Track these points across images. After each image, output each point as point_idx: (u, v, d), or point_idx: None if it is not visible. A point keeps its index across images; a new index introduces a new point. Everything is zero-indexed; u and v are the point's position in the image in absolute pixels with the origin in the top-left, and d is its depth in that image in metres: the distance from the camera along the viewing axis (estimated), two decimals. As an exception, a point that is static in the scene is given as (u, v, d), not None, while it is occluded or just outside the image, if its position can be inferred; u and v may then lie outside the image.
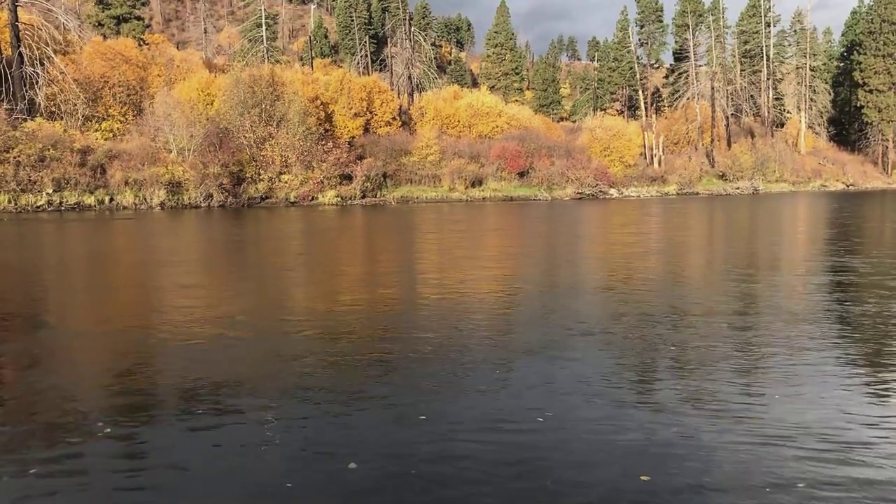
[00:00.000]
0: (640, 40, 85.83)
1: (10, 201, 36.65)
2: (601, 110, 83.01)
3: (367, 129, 54.41)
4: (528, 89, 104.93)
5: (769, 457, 4.46)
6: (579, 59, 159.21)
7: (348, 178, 47.75)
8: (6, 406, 5.63)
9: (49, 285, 12.69)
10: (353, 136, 52.54)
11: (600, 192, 56.35)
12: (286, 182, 45.45)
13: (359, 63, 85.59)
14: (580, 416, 5.25)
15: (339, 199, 46.28)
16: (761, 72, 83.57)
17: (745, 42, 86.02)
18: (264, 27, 65.71)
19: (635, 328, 8.19)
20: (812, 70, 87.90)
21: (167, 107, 43.59)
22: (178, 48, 73.75)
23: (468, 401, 5.63)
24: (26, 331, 8.58)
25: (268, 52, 64.99)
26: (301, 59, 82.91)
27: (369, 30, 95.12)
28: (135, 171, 40.43)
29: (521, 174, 55.95)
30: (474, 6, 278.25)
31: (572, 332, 7.99)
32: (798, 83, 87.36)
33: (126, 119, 46.27)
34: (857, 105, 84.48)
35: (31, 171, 37.65)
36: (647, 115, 74.77)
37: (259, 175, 44.89)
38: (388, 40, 78.45)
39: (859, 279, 11.90)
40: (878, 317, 8.62)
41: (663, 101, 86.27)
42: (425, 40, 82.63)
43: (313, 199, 45.54)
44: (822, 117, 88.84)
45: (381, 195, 49.51)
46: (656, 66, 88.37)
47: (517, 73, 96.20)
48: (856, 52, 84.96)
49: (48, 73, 43.32)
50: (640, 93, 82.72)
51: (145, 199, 40.05)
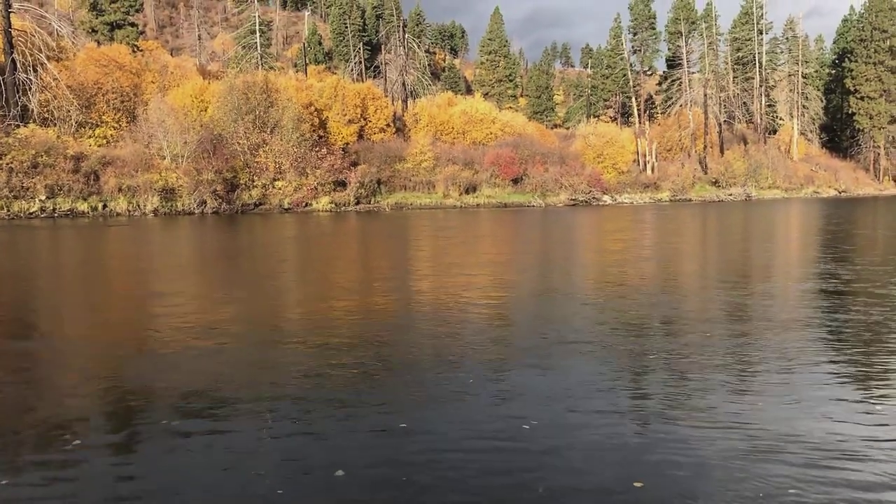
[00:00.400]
0: (633, 47, 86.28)
1: (2, 208, 36.52)
2: (594, 117, 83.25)
3: (361, 136, 54.45)
4: (521, 96, 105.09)
5: (761, 465, 4.46)
6: (573, 66, 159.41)
7: (342, 184, 47.75)
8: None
9: (36, 293, 12.62)
10: (348, 143, 52.56)
11: (594, 198, 56.49)
12: (280, 188, 45.40)
13: (353, 70, 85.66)
14: (572, 424, 5.23)
15: (333, 205, 46.25)
16: (754, 79, 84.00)
17: (738, 49, 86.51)
18: (258, 34, 65.76)
19: (625, 336, 8.18)
20: (804, 77, 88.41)
21: (161, 113, 43.54)
22: (171, 54, 73.68)
23: (458, 408, 5.61)
24: (11, 338, 8.52)
25: (262, 59, 65.02)
26: (295, 65, 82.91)
27: (363, 36, 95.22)
28: (128, 177, 40.33)
29: (515, 181, 56.04)
30: (468, 13, 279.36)
31: (562, 341, 7.97)
32: (790, 90, 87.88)
33: (120, 125, 46.15)
34: (849, 112, 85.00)
35: (23, 177, 37.54)
36: (640, 122, 75.05)
37: (253, 181, 44.85)
38: (383, 47, 78.50)
39: (850, 287, 11.93)
40: (868, 325, 8.64)
41: (656, 107, 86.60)
42: (419, 47, 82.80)
43: (307, 205, 45.50)
44: (814, 124, 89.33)
45: (375, 201, 49.51)
46: (649, 73, 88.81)
47: (511, 80, 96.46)
48: (847, 60, 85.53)
49: (41, 79, 43.20)
50: (634, 100, 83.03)
51: (139, 206, 39.96)
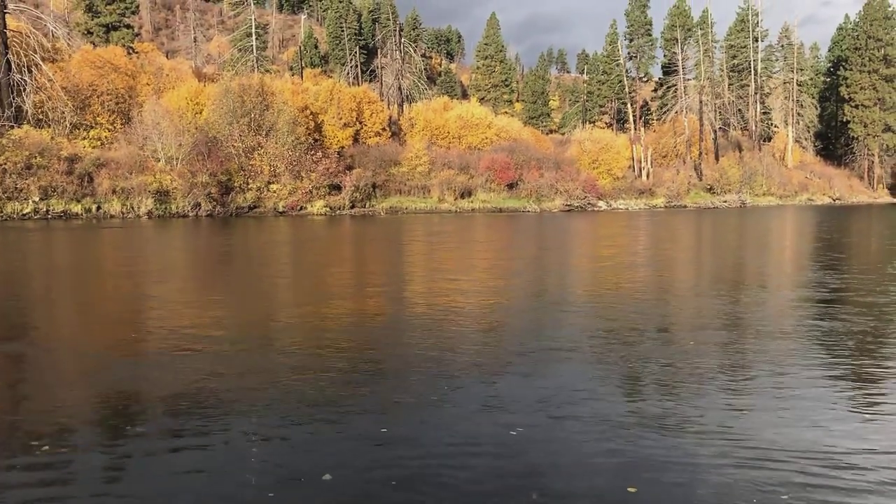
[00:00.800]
0: (629, 54, 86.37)
1: (-5, 209, 36.38)
2: (590, 123, 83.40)
3: (356, 140, 54.42)
4: (517, 101, 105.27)
5: (754, 472, 4.46)
6: (569, 72, 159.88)
7: (337, 188, 47.70)
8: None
9: (26, 295, 12.55)
10: (343, 147, 52.53)
11: (589, 204, 56.56)
12: (275, 192, 45.33)
13: (349, 73, 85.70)
14: (564, 430, 5.22)
15: (327, 209, 46.19)
16: (749, 86, 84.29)
17: (734, 56, 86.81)
18: (254, 37, 65.73)
19: (616, 343, 8.17)
20: (799, 85, 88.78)
21: (156, 115, 43.44)
22: (167, 57, 73.62)
23: (449, 414, 5.60)
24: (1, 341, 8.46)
25: (257, 62, 64.98)
26: (291, 68, 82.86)
27: (360, 40, 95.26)
28: (122, 179, 40.21)
29: (510, 186, 56.08)
30: (465, 18, 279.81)
31: (553, 347, 7.97)
32: (785, 98, 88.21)
33: (114, 127, 46.03)
34: (844, 120, 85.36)
35: (17, 178, 37.38)
36: (635, 128, 75.16)
37: (247, 184, 44.76)
38: (379, 51, 78.60)
39: (841, 295, 11.95)
40: (859, 333, 8.66)
41: (652, 114, 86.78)
42: (415, 51, 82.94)
43: (302, 208, 45.44)
44: (808, 132, 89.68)
45: (370, 205, 49.47)
46: (645, 79, 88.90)
47: (507, 85, 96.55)
48: (842, 68, 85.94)
49: (36, 80, 43.06)
50: (629, 106, 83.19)
51: (133, 208, 39.82)
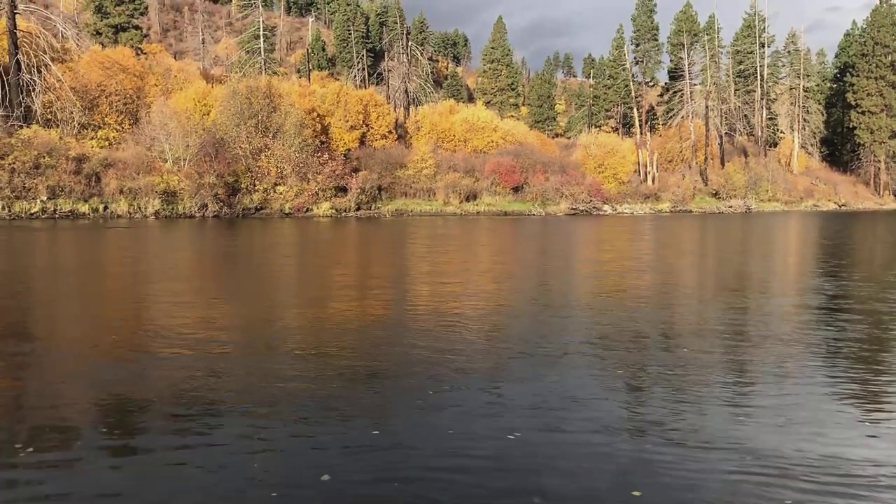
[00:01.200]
0: (635, 58, 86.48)
1: (3, 208, 36.57)
2: (596, 127, 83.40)
3: (362, 142, 54.53)
4: (523, 105, 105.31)
5: (759, 479, 4.49)
6: (575, 76, 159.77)
7: (343, 190, 47.83)
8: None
9: (31, 295, 12.64)
10: (349, 149, 52.66)
11: (594, 208, 56.58)
12: (281, 193, 45.47)
13: (356, 76, 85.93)
14: (566, 434, 5.26)
15: (333, 210, 46.31)
16: (755, 91, 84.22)
17: (740, 62, 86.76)
18: (262, 39, 65.97)
19: (619, 349, 8.17)
20: (805, 91, 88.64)
21: (163, 116, 43.66)
22: (175, 58, 73.86)
23: (451, 417, 5.63)
24: (3, 341, 8.52)
25: (265, 64, 65.22)
26: (298, 71, 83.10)
27: (367, 43, 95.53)
28: (130, 179, 40.42)
29: (516, 189, 56.13)
30: (472, 22, 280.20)
31: (555, 352, 7.94)
32: (791, 103, 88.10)
33: (122, 128, 46.26)
34: (850, 126, 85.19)
35: (25, 178, 37.61)
36: (641, 133, 75.21)
37: (254, 186, 44.93)
38: (386, 54, 78.82)
39: (846, 303, 11.96)
40: (867, 341, 8.68)
41: (658, 118, 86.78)
42: (422, 55, 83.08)
43: (308, 210, 45.57)
44: (815, 138, 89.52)
45: (375, 208, 49.57)
46: (651, 84, 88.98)
47: (513, 89, 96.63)
48: (849, 74, 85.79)
49: (45, 80, 43.32)
50: (635, 110, 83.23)
51: (139, 208, 40.00)
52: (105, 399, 6.05)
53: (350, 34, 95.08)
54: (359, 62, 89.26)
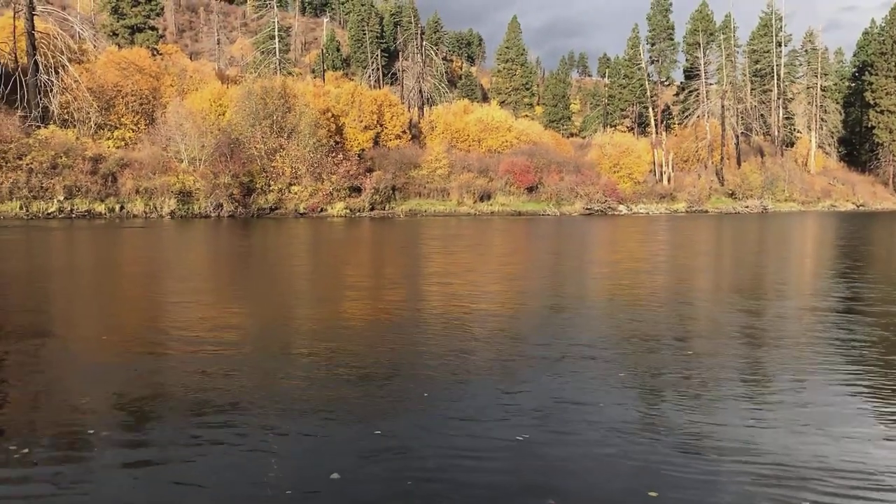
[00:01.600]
0: (650, 58, 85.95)
1: (21, 207, 36.93)
2: (611, 127, 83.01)
3: (377, 142, 54.60)
4: (538, 105, 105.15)
5: (775, 483, 4.45)
6: (590, 76, 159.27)
7: (357, 190, 47.91)
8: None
9: (48, 294, 12.74)
10: (363, 149, 52.74)
11: (609, 208, 56.34)
12: (296, 193, 45.61)
13: (370, 76, 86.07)
14: (582, 435, 5.24)
15: (347, 210, 46.40)
16: (772, 91, 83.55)
17: (756, 61, 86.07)
18: (277, 39, 66.22)
19: (635, 351, 8.15)
20: (823, 90, 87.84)
21: (179, 116, 43.92)
22: (191, 59, 74.34)
23: (465, 417, 5.62)
24: (21, 339, 8.57)
25: (280, 64, 65.45)
26: (313, 71, 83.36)
27: (381, 43, 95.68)
28: (146, 179, 40.69)
29: (530, 189, 55.99)
30: (486, 21, 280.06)
31: (570, 354, 7.93)
32: (809, 103, 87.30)
33: (138, 128, 46.59)
34: (868, 125, 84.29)
35: (43, 178, 37.96)
36: (656, 133, 74.76)
37: (269, 186, 45.10)
38: (400, 54, 78.88)
39: (864, 305, 11.83)
40: (883, 344, 8.58)
41: (673, 118, 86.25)
42: (436, 54, 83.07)
43: (322, 210, 45.68)
44: (832, 137, 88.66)
45: (389, 208, 49.62)
46: (667, 83, 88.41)
47: (527, 89, 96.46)
48: (867, 73, 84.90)
49: (62, 81, 43.69)
50: (651, 110, 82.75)
51: (155, 208, 40.25)
52: (117, 398, 6.08)
53: (364, 34, 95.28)
54: (373, 62, 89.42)
